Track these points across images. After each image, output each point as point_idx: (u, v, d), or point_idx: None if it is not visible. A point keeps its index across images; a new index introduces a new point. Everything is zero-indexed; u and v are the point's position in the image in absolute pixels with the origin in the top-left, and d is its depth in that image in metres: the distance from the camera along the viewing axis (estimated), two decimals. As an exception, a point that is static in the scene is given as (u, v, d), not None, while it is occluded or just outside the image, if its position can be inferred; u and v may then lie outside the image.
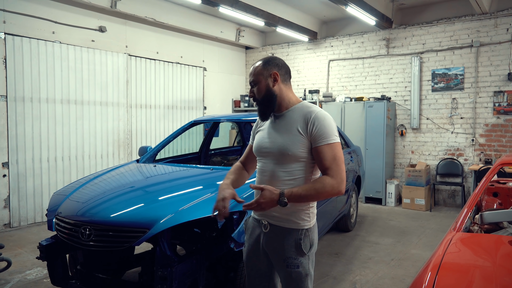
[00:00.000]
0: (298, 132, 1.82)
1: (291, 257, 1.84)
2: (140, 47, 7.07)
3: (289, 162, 1.83)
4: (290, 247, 1.84)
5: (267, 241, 1.91)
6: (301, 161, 1.83)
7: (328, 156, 1.77)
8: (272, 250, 1.90)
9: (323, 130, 1.78)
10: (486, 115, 6.65)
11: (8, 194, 5.42)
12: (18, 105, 5.43)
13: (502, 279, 1.85)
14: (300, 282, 1.85)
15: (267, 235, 1.91)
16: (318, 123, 1.79)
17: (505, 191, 4.13)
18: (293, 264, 1.83)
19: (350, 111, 7.42)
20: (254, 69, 1.93)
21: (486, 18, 6.56)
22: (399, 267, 4.14)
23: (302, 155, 1.82)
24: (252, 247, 1.98)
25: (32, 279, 3.79)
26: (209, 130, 5.15)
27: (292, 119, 1.87)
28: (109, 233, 2.53)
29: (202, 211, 2.57)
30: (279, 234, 1.87)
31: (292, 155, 1.81)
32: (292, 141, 1.82)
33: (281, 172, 1.85)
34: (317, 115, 1.81)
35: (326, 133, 1.78)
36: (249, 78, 1.95)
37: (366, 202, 7.34)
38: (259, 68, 1.91)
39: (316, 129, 1.78)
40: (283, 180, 1.84)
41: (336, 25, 8.29)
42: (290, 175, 1.84)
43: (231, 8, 6.17)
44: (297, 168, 1.83)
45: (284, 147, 1.83)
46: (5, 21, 5.27)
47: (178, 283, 2.39)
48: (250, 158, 2.13)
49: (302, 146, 1.81)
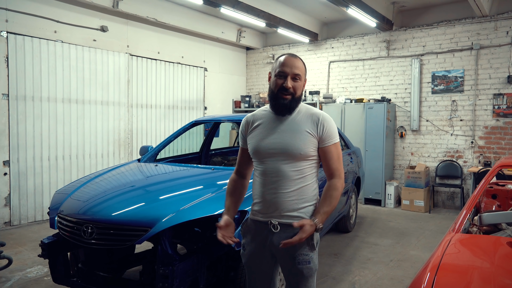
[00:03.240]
0: (307, 132, 1.89)
1: (303, 254, 1.87)
2: (141, 47, 7.09)
3: (299, 161, 1.88)
4: (303, 243, 1.85)
5: (276, 241, 1.87)
6: (310, 160, 1.91)
7: (334, 155, 1.92)
8: (281, 250, 1.86)
9: (331, 131, 1.92)
10: (486, 117, 6.68)
11: (9, 192, 5.43)
12: (19, 104, 5.45)
13: (500, 280, 1.87)
14: (310, 278, 1.90)
15: (277, 235, 1.88)
16: (327, 125, 1.91)
17: (504, 193, 4.15)
18: (304, 260, 1.87)
19: (350, 112, 7.44)
20: (299, 63, 1.89)
21: (486, 21, 6.59)
22: (398, 268, 4.16)
23: (312, 154, 1.91)
24: (255, 249, 1.96)
25: (33, 277, 3.80)
26: (209, 130, 5.17)
27: (298, 120, 1.92)
28: (110, 232, 2.54)
29: (203, 211, 2.59)
30: (289, 232, 1.84)
31: (304, 154, 1.88)
32: (303, 141, 1.87)
33: (291, 172, 1.87)
34: (324, 117, 1.93)
35: (333, 134, 1.93)
36: (288, 68, 1.86)
37: (366, 203, 7.35)
38: (304, 68, 1.92)
39: (326, 130, 1.90)
40: (294, 179, 1.88)
41: (336, 26, 8.32)
42: (300, 174, 1.89)
43: (232, 9, 6.20)
44: (306, 166, 1.91)
45: (295, 146, 1.86)
46: (8, 20, 5.29)
47: (179, 281, 2.41)
48: (245, 163, 2.10)
49: (313, 145, 1.90)
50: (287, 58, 1.88)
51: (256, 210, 1.96)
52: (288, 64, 1.86)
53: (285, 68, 1.86)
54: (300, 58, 1.95)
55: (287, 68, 1.85)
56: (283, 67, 1.86)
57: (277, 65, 1.89)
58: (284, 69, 1.86)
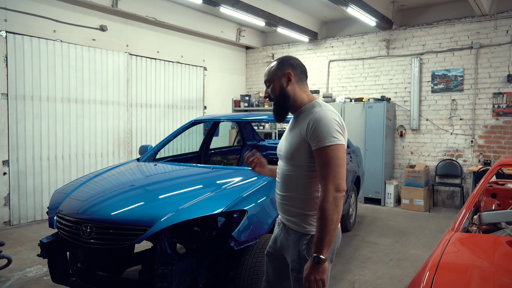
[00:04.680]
0: (298, 135, 1.75)
1: (294, 261, 1.82)
2: (140, 46, 7.08)
3: (295, 166, 1.80)
4: (295, 250, 1.82)
5: (281, 240, 1.94)
6: (306, 165, 1.75)
7: (322, 160, 1.65)
8: (284, 250, 1.93)
9: (317, 132, 1.66)
10: (486, 116, 6.67)
11: (8, 192, 5.43)
12: (19, 103, 5.44)
13: (499, 279, 1.86)
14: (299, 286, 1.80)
15: (281, 234, 1.94)
16: (315, 124, 1.67)
17: (503, 192, 4.15)
18: (295, 268, 1.81)
19: (350, 111, 7.44)
20: (269, 69, 1.89)
21: (486, 20, 6.58)
22: (398, 267, 4.16)
23: (305, 160, 1.74)
24: (273, 243, 2.03)
25: (32, 277, 3.80)
26: (209, 129, 5.16)
27: (300, 121, 1.81)
28: (109, 231, 2.54)
29: (202, 210, 2.59)
30: (288, 236, 1.88)
31: (293, 158, 1.78)
32: (292, 145, 1.78)
33: (288, 175, 1.85)
34: (315, 114, 1.70)
35: (321, 135, 1.65)
36: (264, 77, 1.91)
37: (365, 203, 7.35)
38: (274, 68, 1.86)
39: (312, 130, 1.68)
40: (293, 184, 1.82)
41: (336, 25, 8.31)
42: (298, 179, 1.80)
43: (231, 8, 6.19)
44: (304, 172, 1.77)
45: (286, 150, 1.83)
46: (7, 20, 5.28)
47: (178, 281, 2.40)
48: None
49: (303, 149, 1.73)
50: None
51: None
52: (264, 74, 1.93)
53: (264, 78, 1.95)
54: (276, 60, 1.89)
55: (264, 78, 1.93)
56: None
57: None
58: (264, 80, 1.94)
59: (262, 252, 2.71)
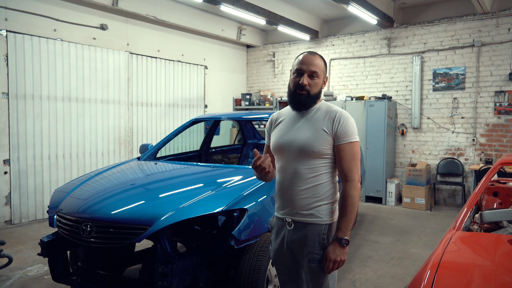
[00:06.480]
0: (322, 130, 1.86)
1: (314, 252, 1.86)
2: (141, 45, 7.08)
3: (313, 159, 1.86)
4: (313, 242, 1.86)
5: (291, 238, 1.93)
6: (324, 158, 1.87)
7: (348, 154, 1.85)
8: (296, 246, 1.92)
9: (346, 129, 1.86)
10: (487, 115, 6.65)
11: (9, 191, 5.43)
12: (19, 103, 5.44)
13: (501, 278, 1.86)
14: (321, 278, 1.88)
15: (291, 232, 1.93)
16: (343, 121, 1.86)
17: (505, 190, 4.13)
18: (315, 259, 1.86)
19: (351, 110, 7.41)
20: (317, 60, 1.90)
21: (487, 18, 6.55)
22: (399, 265, 4.15)
23: (327, 152, 1.87)
24: (278, 246, 2.01)
25: (33, 276, 3.81)
26: (210, 128, 5.16)
27: (315, 117, 1.90)
28: (110, 230, 2.53)
29: (203, 209, 2.58)
30: (302, 230, 1.89)
31: (318, 152, 1.85)
32: (317, 138, 1.85)
33: (306, 169, 1.87)
34: (342, 114, 1.89)
35: (349, 132, 1.86)
36: (304, 66, 1.88)
37: (367, 201, 7.34)
38: (323, 65, 1.92)
39: (341, 127, 1.85)
40: (308, 177, 1.87)
41: (337, 24, 8.29)
42: (315, 172, 1.87)
43: (232, 7, 6.17)
44: (320, 165, 1.87)
45: (309, 144, 1.85)
46: (7, 19, 5.28)
47: (178, 280, 2.40)
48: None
49: (327, 143, 1.86)
50: (305, 56, 1.92)
51: (276, 207, 2.02)
52: (305, 62, 1.89)
53: (302, 65, 1.90)
54: (321, 56, 1.95)
55: (304, 66, 1.89)
56: (301, 65, 1.90)
57: (295, 63, 1.94)
58: (301, 67, 1.90)
59: (263, 250, 2.70)
